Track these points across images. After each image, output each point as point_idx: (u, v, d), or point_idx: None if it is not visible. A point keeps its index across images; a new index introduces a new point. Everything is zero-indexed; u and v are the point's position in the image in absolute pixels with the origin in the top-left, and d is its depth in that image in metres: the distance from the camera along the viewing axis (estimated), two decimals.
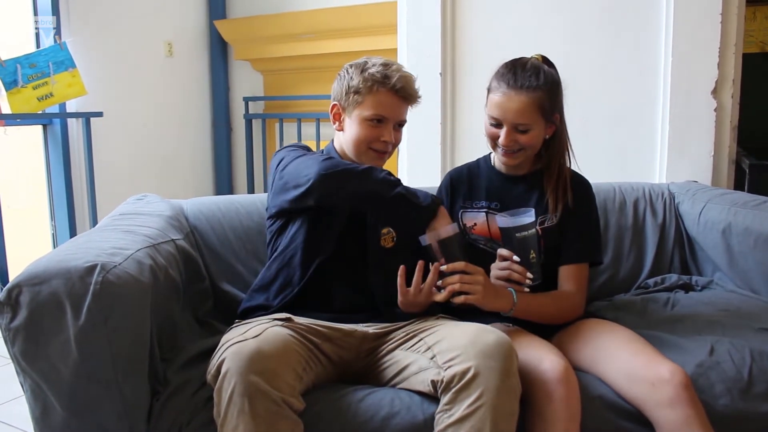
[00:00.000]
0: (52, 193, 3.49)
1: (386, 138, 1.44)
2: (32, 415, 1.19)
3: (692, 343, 1.41)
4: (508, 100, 1.43)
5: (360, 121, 1.44)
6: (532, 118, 1.44)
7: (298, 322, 1.28)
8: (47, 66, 3.15)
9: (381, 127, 1.44)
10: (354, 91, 1.44)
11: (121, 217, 1.55)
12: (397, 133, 1.48)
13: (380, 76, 1.43)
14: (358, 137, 1.45)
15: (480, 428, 1.11)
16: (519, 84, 1.43)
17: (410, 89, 1.45)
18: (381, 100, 1.43)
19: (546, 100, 1.45)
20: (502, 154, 1.49)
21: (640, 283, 1.93)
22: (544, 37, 2.33)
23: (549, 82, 1.46)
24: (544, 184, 1.52)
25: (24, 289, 1.11)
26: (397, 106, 1.45)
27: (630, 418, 1.27)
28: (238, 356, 1.09)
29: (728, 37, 2.16)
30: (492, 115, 1.47)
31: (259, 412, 1.06)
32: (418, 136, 2.47)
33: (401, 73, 1.44)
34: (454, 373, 1.14)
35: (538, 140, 1.49)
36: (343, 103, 1.48)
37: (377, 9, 3.47)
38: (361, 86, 1.43)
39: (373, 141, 1.45)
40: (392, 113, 1.45)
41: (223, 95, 4.33)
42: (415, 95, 1.47)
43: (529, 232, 1.37)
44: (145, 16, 3.84)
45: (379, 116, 1.43)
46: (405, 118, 1.49)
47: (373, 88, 1.43)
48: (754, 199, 1.83)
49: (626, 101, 2.29)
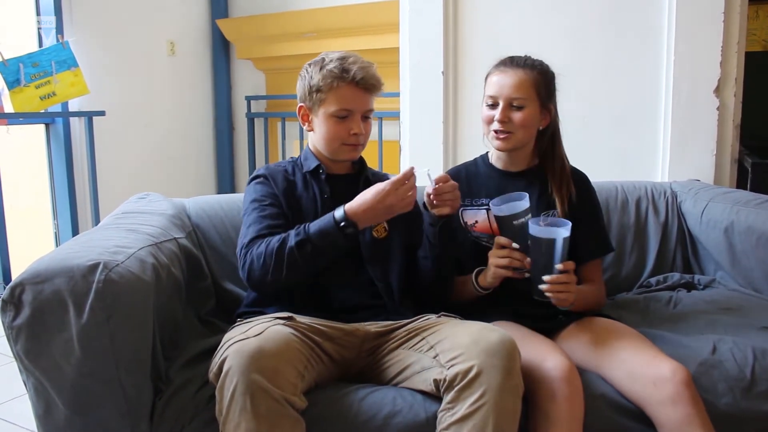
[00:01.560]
0: (55, 191, 3.49)
1: (356, 130, 1.45)
2: (35, 413, 1.19)
3: (694, 342, 1.41)
4: (504, 75, 1.50)
5: (327, 119, 1.45)
6: (527, 94, 1.47)
7: (300, 321, 1.28)
8: (50, 65, 3.15)
9: (348, 121, 1.45)
10: (316, 90, 1.45)
11: (124, 215, 1.56)
12: (366, 123, 1.48)
13: (338, 71, 1.42)
14: (328, 135, 1.46)
15: (482, 427, 1.11)
16: (515, 63, 1.50)
17: (371, 79, 1.44)
18: (343, 94, 1.43)
19: (541, 82, 1.50)
20: (495, 137, 1.50)
21: (643, 281, 1.93)
22: (546, 35, 2.33)
23: (545, 68, 1.52)
24: (548, 180, 1.54)
25: (27, 287, 1.11)
26: (360, 98, 1.45)
27: (633, 417, 1.27)
28: (240, 354, 1.09)
29: (731, 36, 2.16)
30: (489, 94, 1.51)
31: (261, 410, 1.06)
32: (420, 135, 2.47)
33: (359, 65, 1.44)
34: (457, 372, 1.14)
35: (532, 124, 1.50)
36: (308, 104, 1.48)
37: (379, 8, 3.47)
38: (322, 84, 1.43)
39: (343, 136, 1.45)
40: (357, 105, 1.44)
41: (225, 94, 4.34)
42: (377, 84, 1.46)
43: (526, 219, 1.38)
44: (147, 16, 3.84)
45: (345, 110, 1.44)
46: (371, 107, 1.49)
47: (334, 84, 1.43)
48: (756, 197, 1.83)
49: (629, 100, 2.29)
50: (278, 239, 1.33)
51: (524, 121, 1.48)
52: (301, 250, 1.30)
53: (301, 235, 1.32)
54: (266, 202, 1.44)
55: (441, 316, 1.37)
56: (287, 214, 1.44)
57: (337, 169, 1.53)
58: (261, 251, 1.33)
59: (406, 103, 2.48)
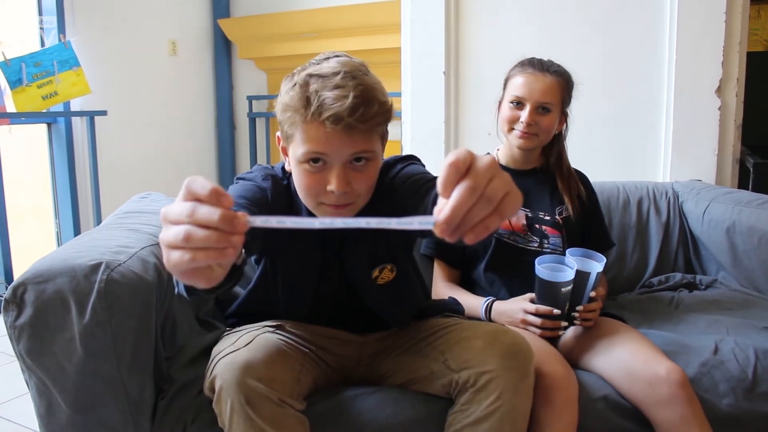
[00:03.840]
0: (57, 191, 3.50)
1: (333, 186, 1.02)
2: (37, 412, 1.19)
3: (696, 343, 1.40)
4: (534, 79, 1.50)
5: (295, 164, 1.07)
6: (555, 99, 1.50)
7: (290, 329, 1.20)
8: (52, 65, 3.16)
9: (324, 172, 1.04)
10: (280, 122, 1.08)
11: (126, 215, 1.56)
12: (358, 173, 1.04)
13: (300, 102, 1.01)
14: (299, 187, 1.09)
15: (499, 429, 1.09)
16: (545, 67, 1.52)
17: (345, 115, 0.98)
18: (310, 134, 1.02)
19: (566, 89, 1.53)
20: (520, 136, 1.52)
21: (644, 282, 1.93)
22: (548, 36, 2.33)
23: (568, 76, 1.55)
24: (557, 179, 1.58)
25: (29, 287, 1.12)
26: (335, 140, 1.01)
27: (634, 419, 1.27)
28: (232, 366, 1.04)
29: (732, 36, 2.16)
30: (516, 94, 1.51)
31: (265, 415, 1.03)
32: (421, 135, 2.47)
33: (333, 92, 0.99)
34: (470, 375, 1.11)
35: (553, 128, 1.54)
36: (282, 134, 1.11)
37: (381, 8, 3.47)
38: (283, 117, 1.06)
39: (318, 192, 1.05)
40: (331, 149, 1.02)
41: (226, 94, 4.34)
42: (364, 120, 1.00)
43: (572, 286, 1.36)
44: (149, 15, 3.85)
45: (315, 154, 1.02)
46: (365, 148, 1.03)
47: (295, 120, 1.03)
48: (758, 197, 1.83)
49: (630, 100, 2.29)
50: None
51: (549, 125, 1.51)
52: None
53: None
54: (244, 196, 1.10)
55: (443, 316, 1.32)
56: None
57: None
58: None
59: (407, 103, 2.48)
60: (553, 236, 1.53)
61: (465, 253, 1.58)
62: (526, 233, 1.53)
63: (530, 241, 1.53)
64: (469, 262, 1.58)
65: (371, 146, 1.04)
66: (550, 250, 1.51)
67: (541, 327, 1.37)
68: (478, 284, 1.56)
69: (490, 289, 1.53)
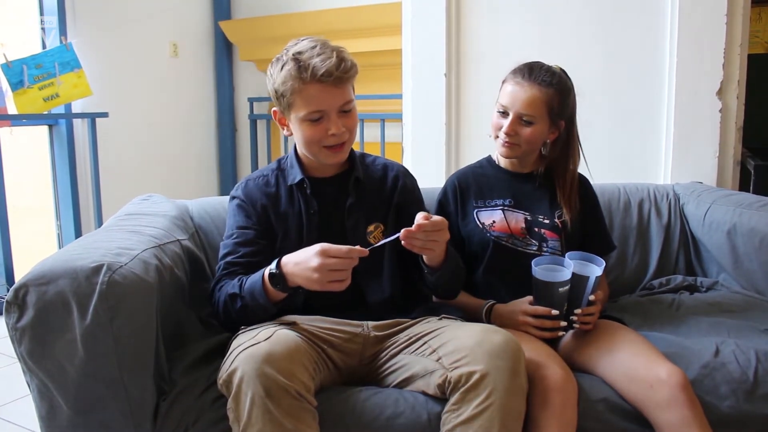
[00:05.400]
0: (58, 193, 3.50)
1: (333, 130, 1.31)
2: (38, 414, 1.19)
3: (697, 345, 1.40)
4: (519, 89, 1.48)
5: (299, 123, 1.33)
6: (538, 112, 1.47)
7: (303, 326, 1.27)
8: (53, 67, 3.16)
9: (324, 122, 1.32)
10: (281, 95, 1.33)
11: (127, 217, 1.56)
12: (346, 118, 1.34)
13: (296, 72, 1.28)
14: (304, 140, 1.35)
15: (488, 428, 1.11)
16: (533, 77, 1.49)
17: (334, 70, 1.27)
18: (309, 94, 1.30)
19: (555, 101, 1.49)
20: (502, 145, 1.52)
21: (645, 284, 1.92)
22: (549, 37, 2.33)
23: (562, 85, 1.51)
24: (555, 185, 1.56)
25: (31, 288, 1.12)
26: (329, 94, 1.30)
27: (634, 421, 1.27)
28: (253, 359, 1.09)
29: (733, 38, 2.16)
30: (501, 102, 1.51)
31: (284, 408, 1.06)
32: (422, 137, 2.47)
33: (319, 57, 1.28)
34: (462, 374, 1.14)
35: (538, 139, 1.52)
36: (279, 108, 1.38)
37: (382, 10, 3.47)
38: (284, 88, 1.31)
39: (321, 138, 1.33)
40: (327, 103, 1.30)
41: (227, 96, 4.35)
42: (346, 72, 1.29)
43: (569, 286, 1.36)
44: (150, 17, 3.85)
45: (316, 112, 1.31)
46: (347, 99, 1.33)
47: (296, 86, 1.29)
48: (759, 200, 1.83)
49: (631, 102, 2.29)
50: (229, 290, 1.28)
51: (531, 137, 1.50)
52: (240, 310, 1.27)
53: (235, 289, 1.27)
54: (242, 225, 1.39)
55: (442, 319, 1.36)
56: (275, 230, 1.39)
57: (325, 171, 1.44)
58: (217, 299, 1.32)
59: (408, 105, 2.48)
60: (552, 240, 1.53)
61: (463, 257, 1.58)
62: (525, 236, 1.53)
63: (529, 245, 1.53)
64: (467, 265, 1.58)
65: (351, 96, 1.35)
66: (549, 253, 1.51)
67: (540, 327, 1.37)
68: (477, 287, 1.56)
69: (489, 293, 1.53)
